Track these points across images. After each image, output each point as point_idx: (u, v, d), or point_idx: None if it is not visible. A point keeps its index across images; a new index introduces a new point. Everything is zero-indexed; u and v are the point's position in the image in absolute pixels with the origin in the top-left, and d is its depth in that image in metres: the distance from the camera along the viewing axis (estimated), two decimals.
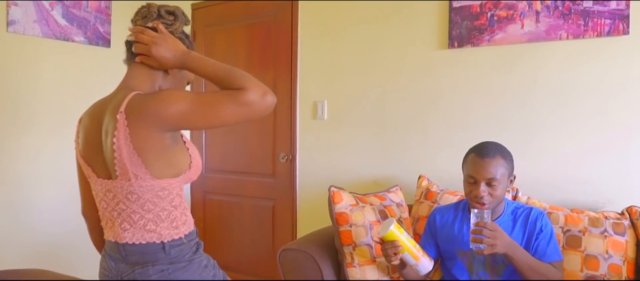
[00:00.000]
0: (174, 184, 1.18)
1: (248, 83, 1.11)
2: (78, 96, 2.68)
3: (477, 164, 1.63)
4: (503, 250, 1.53)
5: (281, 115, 2.98)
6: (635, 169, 2.01)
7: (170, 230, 1.18)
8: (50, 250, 2.63)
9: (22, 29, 2.47)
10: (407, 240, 1.62)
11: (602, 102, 2.06)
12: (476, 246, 1.53)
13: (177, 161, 1.18)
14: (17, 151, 2.51)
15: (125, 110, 1.10)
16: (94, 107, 1.24)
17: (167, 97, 1.10)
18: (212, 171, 3.32)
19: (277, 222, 3.03)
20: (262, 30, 3.05)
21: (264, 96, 1.11)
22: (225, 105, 1.10)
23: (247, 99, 1.09)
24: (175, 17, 1.25)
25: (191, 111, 1.09)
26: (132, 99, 1.11)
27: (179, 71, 1.27)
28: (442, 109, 2.43)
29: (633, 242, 1.81)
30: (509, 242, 1.55)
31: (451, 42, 2.36)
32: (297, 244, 2.02)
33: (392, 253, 1.60)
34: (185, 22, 1.27)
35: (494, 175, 1.60)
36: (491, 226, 1.52)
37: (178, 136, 1.20)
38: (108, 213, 1.20)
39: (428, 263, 1.65)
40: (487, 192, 1.61)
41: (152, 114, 1.09)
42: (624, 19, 1.98)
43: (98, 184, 1.20)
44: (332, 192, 2.01)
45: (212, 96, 1.12)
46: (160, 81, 1.24)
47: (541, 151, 2.18)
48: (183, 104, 1.09)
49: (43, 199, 2.60)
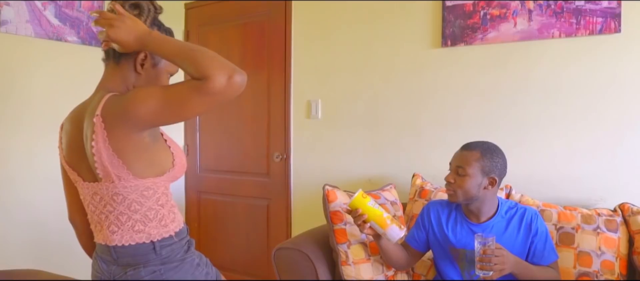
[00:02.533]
0: (159, 183, 1.17)
1: (212, 69, 1.01)
2: (71, 96, 2.64)
3: (455, 154, 1.74)
4: (510, 270, 1.56)
5: (275, 114, 2.97)
6: (627, 167, 2.02)
7: (160, 229, 1.17)
8: (44, 250, 2.62)
9: (15, 29, 2.46)
10: (373, 208, 1.68)
11: (594, 100, 2.07)
12: (484, 273, 1.54)
13: (159, 160, 1.16)
14: (10, 151, 2.49)
15: (101, 113, 1.08)
16: (74, 112, 1.22)
17: (134, 97, 1.07)
18: (207, 170, 3.31)
19: (272, 221, 3.03)
20: (255, 30, 3.04)
21: (230, 80, 1.02)
22: (192, 99, 1.04)
23: (213, 88, 1.01)
24: (141, 11, 1.16)
25: (160, 109, 1.05)
26: (108, 102, 1.10)
27: (152, 68, 1.20)
28: (435, 107, 2.43)
29: (625, 239, 1.82)
30: (514, 261, 1.59)
31: (444, 40, 2.36)
32: (291, 243, 2.02)
33: (358, 221, 1.68)
34: (154, 13, 1.19)
35: (462, 164, 1.67)
36: (498, 252, 1.54)
37: (158, 134, 1.18)
38: (96, 216, 1.19)
39: (398, 231, 1.68)
40: (453, 179, 1.69)
41: (125, 115, 1.07)
42: (616, 18, 2.00)
43: (85, 187, 1.19)
44: (326, 191, 2.01)
45: (179, 91, 1.06)
46: (133, 80, 1.19)
47: (534, 149, 2.20)
48: (151, 103, 1.05)
49: (36, 200, 2.59)
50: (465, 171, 1.65)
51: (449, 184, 1.71)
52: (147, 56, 1.18)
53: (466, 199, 1.68)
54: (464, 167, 1.66)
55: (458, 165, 1.68)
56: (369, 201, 1.69)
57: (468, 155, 1.67)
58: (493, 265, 1.52)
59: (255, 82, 3.04)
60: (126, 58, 1.18)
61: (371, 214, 1.68)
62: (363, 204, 1.68)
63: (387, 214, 1.69)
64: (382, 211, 1.69)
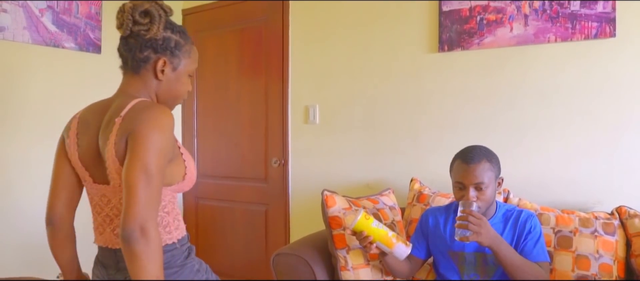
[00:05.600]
0: (166, 192, 1.17)
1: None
2: (69, 103, 2.65)
3: (463, 170, 1.65)
4: (488, 241, 1.55)
5: (273, 120, 2.98)
6: (623, 170, 2.03)
7: (164, 235, 1.17)
8: (41, 256, 2.59)
9: (12, 35, 2.46)
10: (377, 228, 1.65)
11: (590, 103, 2.09)
12: (461, 232, 1.55)
13: (170, 173, 1.16)
14: (7, 157, 2.49)
15: (124, 116, 1.10)
16: (96, 110, 1.21)
17: (134, 149, 1.06)
18: (205, 176, 3.31)
19: (270, 227, 3.02)
20: (253, 35, 3.05)
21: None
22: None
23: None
24: (152, 19, 1.16)
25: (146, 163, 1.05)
26: (134, 108, 1.11)
27: (171, 72, 1.22)
28: (432, 112, 2.44)
29: (623, 242, 1.83)
30: (494, 235, 1.58)
31: (441, 45, 2.38)
32: (290, 248, 2.02)
33: (364, 243, 1.66)
34: (165, 16, 1.19)
35: (481, 180, 1.62)
36: (477, 215, 1.55)
37: (175, 153, 1.18)
38: (101, 217, 1.19)
39: (404, 249, 1.67)
40: (476, 196, 1.63)
41: (130, 149, 1.08)
42: (611, 22, 2.01)
43: (94, 188, 1.19)
44: (325, 196, 2.01)
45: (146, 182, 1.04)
46: (154, 86, 1.22)
47: (531, 152, 2.21)
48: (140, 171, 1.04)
49: (33, 206, 2.58)
50: (485, 184, 1.63)
51: (470, 203, 1.62)
52: (167, 62, 1.20)
53: (488, 207, 1.69)
54: (483, 181, 1.62)
55: (477, 182, 1.62)
56: (373, 222, 1.66)
57: (480, 168, 1.63)
58: (470, 225, 1.53)
59: (253, 87, 3.04)
60: (145, 67, 1.19)
61: (376, 236, 1.65)
62: (367, 226, 1.65)
63: (392, 232, 1.67)
64: (387, 230, 1.67)
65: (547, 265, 1.68)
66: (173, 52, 1.20)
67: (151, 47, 1.18)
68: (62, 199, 1.25)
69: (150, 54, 1.18)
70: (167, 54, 1.20)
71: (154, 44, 1.18)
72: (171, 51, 1.20)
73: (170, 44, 1.20)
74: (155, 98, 1.23)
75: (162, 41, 1.18)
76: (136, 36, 1.17)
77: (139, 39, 1.17)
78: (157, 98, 1.23)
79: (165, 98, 1.24)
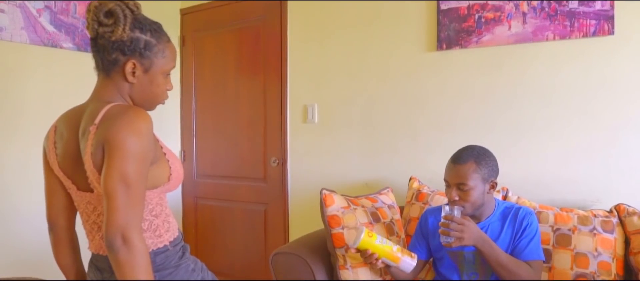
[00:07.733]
0: (152, 195, 1.15)
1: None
2: (67, 103, 2.62)
3: (449, 169, 1.69)
4: (471, 242, 1.57)
5: (272, 119, 2.97)
6: (622, 168, 2.03)
7: (154, 239, 1.16)
8: (39, 258, 2.60)
9: (9, 36, 2.45)
10: (382, 244, 1.64)
11: (588, 101, 2.08)
12: (445, 239, 1.58)
13: (153, 177, 1.12)
14: (5, 158, 2.48)
15: (99, 123, 1.07)
16: (67, 118, 1.19)
17: (111, 156, 1.03)
18: (204, 176, 3.31)
19: (269, 226, 3.02)
20: (251, 35, 3.05)
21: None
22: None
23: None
24: (116, 20, 1.09)
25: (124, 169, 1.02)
26: (108, 114, 1.07)
27: (144, 74, 1.16)
28: (431, 110, 2.44)
29: (622, 239, 1.83)
30: (478, 236, 1.58)
31: (440, 44, 2.37)
32: (289, 247, 2.02)
33: (370, 261, 1.65)
34: (131, 16, 1.12)
35: (464, 180, 1.63)
36: (458, 221, 1.56)
37: (158, 155, 1.15)
38: (89, 225, 1.17)
39: (409, 261, 1.66)
40: (458, 196, 1.65)
41: (107, 154, 1.05)
42: (609, 20, 2.01)
43: (79, 196, 1.17)
44: (323, 195, 2.01)
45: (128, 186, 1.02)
46: (127, 89, 1.17)
47: (529, 151, 2.20)
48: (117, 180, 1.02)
49: (31, 208, 2.57)
50: (468, 185, 1.62)
51: (453, 202, 1.65)
52: (136, 64, 1.14)
53: (475, 209, 1.68)
54: (464, 182, 1.63)
55: (459, 182, 1.63)
56: (376, 239, 1.64)
57: (464, 169, 1.63)
58: (451, 232, 1.55)
59: (252, 87, 3.04)
60: (115, 70, 1.14)
61: (382, 253, 1.63)
62: (371, 244, 1.63)
63: (396, 247, 1.66)
64: (392, 245, 1.66)
65: (539, 264, 1.67)
66: (142, 53, 1.13)
67: (118, 49, 1.11)
68: (56, 207, 1.24)
69: (118, 57, 1.12)
70: (136, 55, 1.13)
71: (121, 45, 1.11)
72: (140, 53, 1.13)
73: (139, 45, 1.13)
74: (131, 101, 1.18)
75: (129, 42, 1.11)
76: (102, 38, 1.12)
77: (106, 41, 1.11)
78: (132, 101, 1.18)
79: (141, 101, 1.19)
